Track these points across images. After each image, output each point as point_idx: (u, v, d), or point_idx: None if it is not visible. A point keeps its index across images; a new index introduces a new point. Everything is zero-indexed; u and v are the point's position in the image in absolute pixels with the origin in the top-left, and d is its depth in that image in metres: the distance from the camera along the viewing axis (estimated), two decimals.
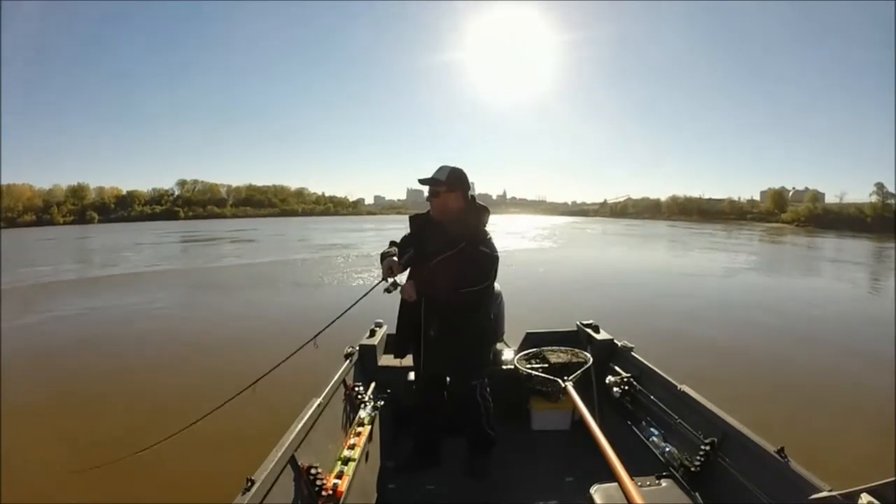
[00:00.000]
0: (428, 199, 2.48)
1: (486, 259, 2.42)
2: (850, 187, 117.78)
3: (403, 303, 2.60)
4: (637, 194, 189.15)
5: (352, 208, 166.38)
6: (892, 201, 74.03)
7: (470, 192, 2.54)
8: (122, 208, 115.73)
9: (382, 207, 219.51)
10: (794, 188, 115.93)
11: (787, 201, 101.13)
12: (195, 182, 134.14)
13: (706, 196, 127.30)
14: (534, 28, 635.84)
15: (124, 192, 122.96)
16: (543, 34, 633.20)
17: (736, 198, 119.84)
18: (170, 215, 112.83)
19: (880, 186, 76.34)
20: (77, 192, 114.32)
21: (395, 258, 2.52)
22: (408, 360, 3.25)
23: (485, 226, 2.51)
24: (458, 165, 2.48)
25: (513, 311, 3.41)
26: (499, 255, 2.49)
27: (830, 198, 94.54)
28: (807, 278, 16.97)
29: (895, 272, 18.01)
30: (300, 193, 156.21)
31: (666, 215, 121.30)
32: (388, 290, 2.52)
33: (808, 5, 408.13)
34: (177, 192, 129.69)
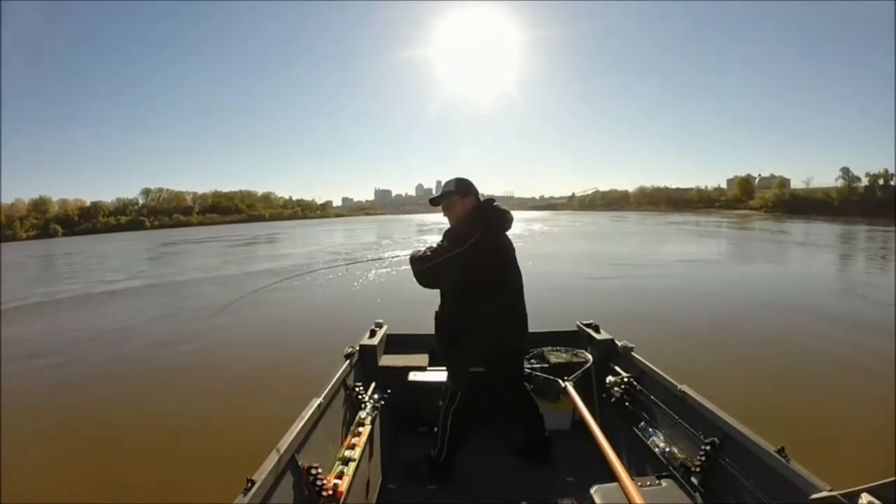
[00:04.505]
0: None
1: None
2: (816, 172, 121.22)
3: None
4: (604, 186, 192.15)
5: (320, 211, 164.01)
6: (859, 184, 76.05)
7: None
8: (86, 220, 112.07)
9: (351, 209, 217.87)
10: (759, 175, 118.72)
11: (754, 188, 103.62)
12: (160, 190, 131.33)
13: (673, 186, 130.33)
14: (497, 26, 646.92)
15: (88, 204, 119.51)
16: (507, 32, 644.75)
17: (703, 186, 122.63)
18: (136, 225, 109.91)
19: (846, 171, 78.50)
20: (39, 205, 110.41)
21: None
22: (407, 360, 3.22)
23: None
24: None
25: None
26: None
27: (797, 183, 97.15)
28: (801, 264, 17.25)
29: None
30: (267, 198, 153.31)
31: (634, 206, 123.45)
32: None
33: None
34: (142, 202, 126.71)
